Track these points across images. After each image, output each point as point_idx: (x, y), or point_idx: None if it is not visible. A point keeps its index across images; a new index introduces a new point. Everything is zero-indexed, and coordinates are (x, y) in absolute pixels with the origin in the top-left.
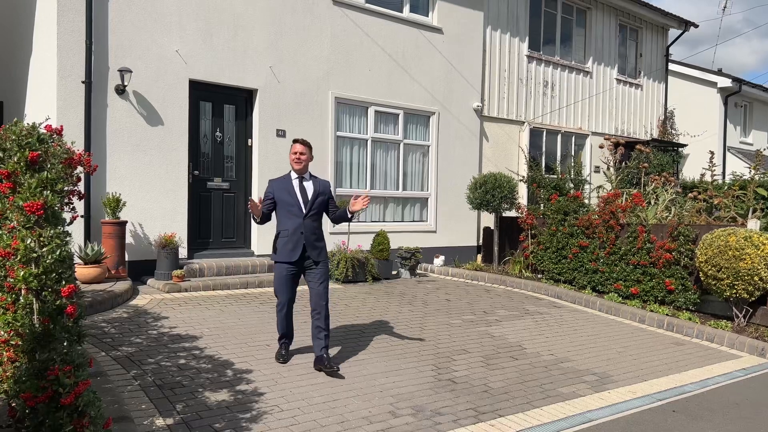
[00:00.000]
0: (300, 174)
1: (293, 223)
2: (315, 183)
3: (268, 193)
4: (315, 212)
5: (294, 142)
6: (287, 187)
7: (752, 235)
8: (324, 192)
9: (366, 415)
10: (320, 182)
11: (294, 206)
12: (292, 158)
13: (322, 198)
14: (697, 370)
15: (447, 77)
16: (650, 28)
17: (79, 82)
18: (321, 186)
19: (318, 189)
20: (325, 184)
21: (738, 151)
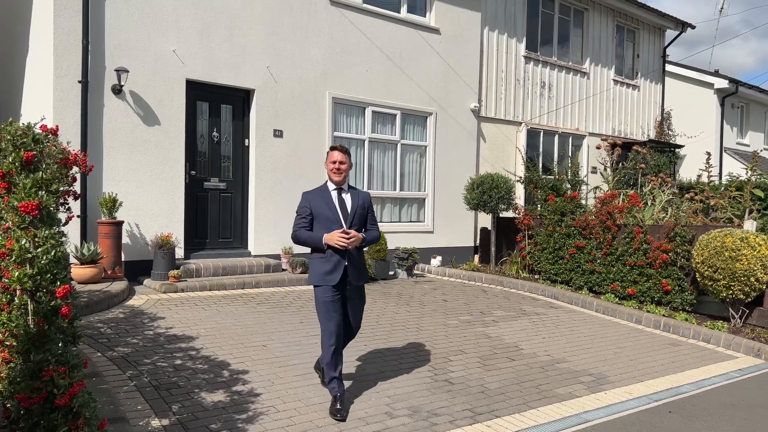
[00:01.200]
0: (338, 185)
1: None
2: (354, 195)
3: (303, 209)
4: (356, 228)
5: (332, 149)
6: (326, 200)
7: (749, 236)
8: (364, 205)
9: (362, 416)
10: (360, 194)
11: (335, 222)
12: (331, 168)
13: (362, 212)
14: (693, 370)
15: (444, 78)
16: (647, 29)
17: (76, 81)
18: (361, 198)
19: (358, 202)
20: (366, 196)
21: (734, 152)
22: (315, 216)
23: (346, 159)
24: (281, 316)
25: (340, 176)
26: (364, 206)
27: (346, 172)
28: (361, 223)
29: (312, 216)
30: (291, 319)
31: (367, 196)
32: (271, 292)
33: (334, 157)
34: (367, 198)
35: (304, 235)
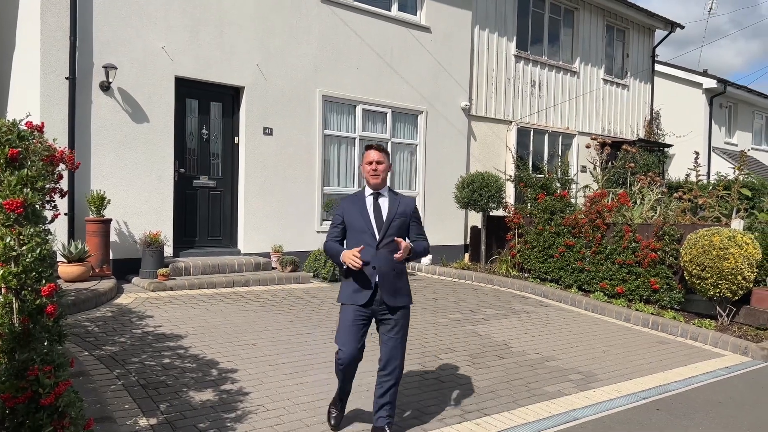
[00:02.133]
0: (375, 189)
1: (364, 255)
2: (393, 201)
3: (336, 217)
4: (392, 239)
5: (367, 148)
6: (359, 206)
7: (736, 235)
8: (405, 213)
9: (351, 415)
10: (401, 200)
11: (365, 232)
12: (368, 170)
13: (401, 220)
14: (681, 368)
15: (435, 76)
16: (637, 29)
17: (63, 78)
18: (402, 204)
19: (396, 208)
20: (409, 202)
21: (723, 151)
22: (347, 225)
23: (383, 158)
24: (270, 314)
25: (378, 179)
26: (405, 214)
27: (384, 174)
28: (400, 233)
29: (345, 225)
30: (280, 318)
31: (410, 203)
32: (261, 291)
33: (369, 157)
34: (410, 204)
35: (330, 249)
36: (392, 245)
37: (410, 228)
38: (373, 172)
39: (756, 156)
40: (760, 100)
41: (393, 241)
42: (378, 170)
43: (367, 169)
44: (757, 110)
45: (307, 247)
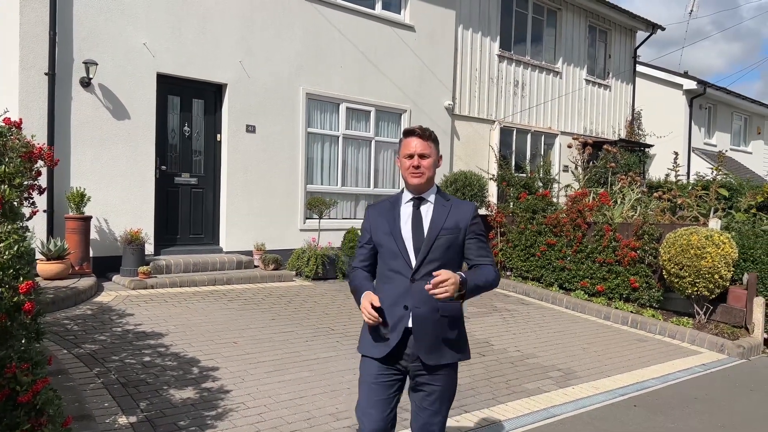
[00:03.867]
0: (417, 193)
1: (394, 289)
2: (441, 208)
3: (363, 232)
4: (436, 266)
5: (407, 134)
6: (390, 218)
7: (713, 235)
8: (457, 226)
9: (333, 411)
10: (454, 206)
11: (398, 256)
12: (406, 166)
13: (450, 237)
14: (658, 365)
15: (419, 75)
16: (619, 30)
17: (42, 74)
18: (454, 213)
19: (444, 220)
20: (465, 209)
21: (702, 152)
22: (377, 245)
23: (429, 149)
24: (252, 313)
25: (420, 178)
26: (458, 227)
27: (430, 172)
28: (448, 256)
29: (374, 244)
30: (262, 316)
31: (467, 210)
32: (243, 289)
33: (409, 147)
34: (467, 212)
35: (351, 284)
36: (442, 267)
37: (467, 247)
38: (414, 169)
39: (734, 156)
40: (738, 102)
41: (437, 268)
42: (422, 166)
43: (406, 164)
44: (735, 111)
45: (290, 246)
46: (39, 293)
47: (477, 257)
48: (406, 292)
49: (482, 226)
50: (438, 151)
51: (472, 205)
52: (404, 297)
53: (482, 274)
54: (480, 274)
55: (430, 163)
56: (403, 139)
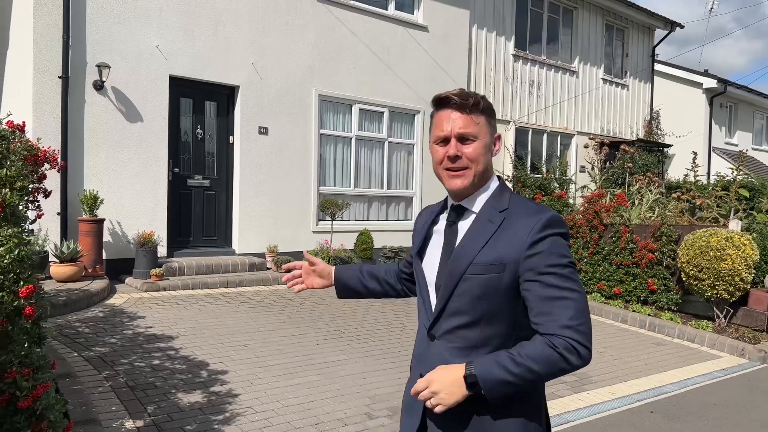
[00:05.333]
0: (457, 199)
1: (417, 345)
2: (482, 226)
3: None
4: (463, 322)
5: (438, 105)
6: (424, 233)
7: (733, 236)
8: (500, 260)
9: (341, 417)
10: (508, 222)
11: (420, 294)
12: (440, 160)
13: (487, 278)
14: (676, 370)
15: (432, 75)
16: (637, 28)
17: (56, 77)
18: (503, 232)
19: (479, 246)
20: (524, 227)
21: (723, 151)
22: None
23: (475, 126)
24: (263, 315)
25: (462, 178)
26: (501, 262)
27: (478, 165)
28: (488, 309)
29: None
30: (273, 319)
31: (524, 230)
32: (255, 291)
33: (441, 125)
34: (523, 235)
35: None
36: (462, 335)
37: (525, 296)
38: (450, 163)
39: (756, 156)
40: (760, 100)
41: (467, 325)
42: (464, 157)
43: (438, 155)
44: (757, 110)
45: (302, 248)
46: (42, 297)
47: (536, 316)
48: (424, 352)
49: (558, 254)
50: (492, 128)
51: (537, 217)
52: (421, 361)
53: (523, 355)
54: (519, 355)
55: (478, 149)
56: (434, 113)
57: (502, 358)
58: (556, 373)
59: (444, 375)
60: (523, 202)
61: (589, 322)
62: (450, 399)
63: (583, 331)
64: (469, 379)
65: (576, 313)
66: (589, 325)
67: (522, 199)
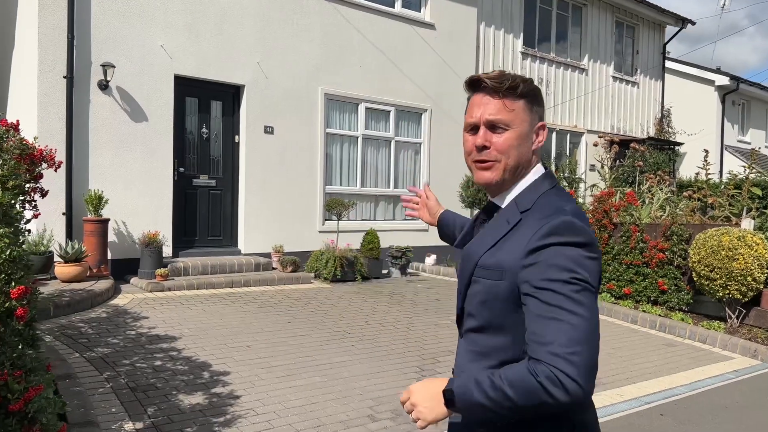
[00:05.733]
0: (492, 194)
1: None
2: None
3: None
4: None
5: (471, 87)
6: (470, 228)
7: (745, 235)
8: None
9: (344, 419)
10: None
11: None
12: (469, 150)
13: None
14: (687, 372)
15: (439, 74)
16: (647, 25)
17: (61, 77)
18: (514, 234)
19: (486, 247)
20: (530, 228)
21: (735, 149)
22: None
23: (508, 113)
24: (268, 315)
25: (490, 171)
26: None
27: (509, 158)
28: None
29: None
30: (278, 319)
31: (527, 232)
32: (260, 291)
33: (472, 111)
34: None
35: None
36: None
37: (524, 308)
38: (478, 153)
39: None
40: None
41: (477, 330)
42: (492, 148)
43: (468, 145)
44: None
45: (308, 247)
46: (36, 298)
47: (528, 336)
48: (459, 353)
49: (560, 267)
50: (534, 116)
51: (545, 221)
52: (457, 360)
53: (502, 378)
54: (499, 378)
55: (510, 139)
56: (468, 98)
57: (483, 377)
58: (538, 406)
59: (425, 387)
60: (550, 202)
61: (589, 353)
62: (428, 414)
63: (576, 362)
64: (446, 395)
65: (570, 340)
66: (589, 356)
67: (554, 197)
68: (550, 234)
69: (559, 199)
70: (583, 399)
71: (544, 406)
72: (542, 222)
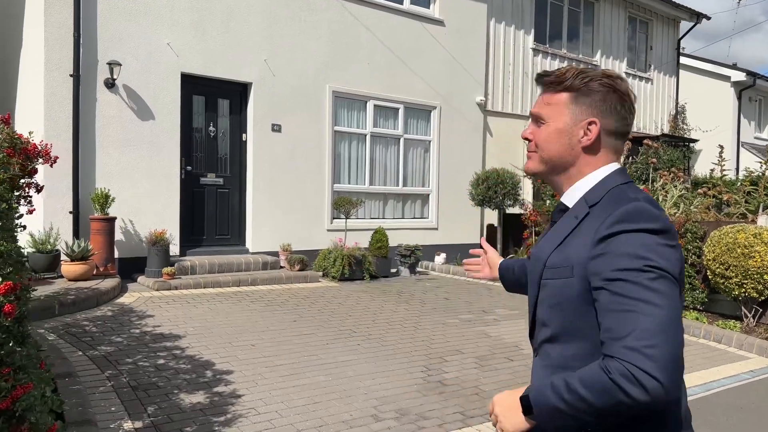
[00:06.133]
0: (555, 190)
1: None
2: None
3: None
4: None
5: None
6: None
7: (762, 232)
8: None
9: (347, 418)
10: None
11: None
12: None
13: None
14: (702, 372)
15: (449, 71)
16: (661, 20)
17: (67, 75)
18: (579, 231)
19: (554, 245)
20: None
21: (752, 146)
22: None
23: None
24: (274, 314)
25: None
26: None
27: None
28: (566, 322)
29: None
30: (284, 318)
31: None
32: (267, 290)
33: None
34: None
35: None
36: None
37: (596, 305)
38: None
39: None
40: None
41: (549, 340)
42: (533, 139)
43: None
44: None
45: (316, 246)
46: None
47: (602, 333)
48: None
49: (632, 255)
50: (580, 110)
51: (613, 209)
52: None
53: (576, 379)
54: (575, 380)
55: (545, 133)
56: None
57: (558, 380)
58: (615, 407)
59: (506, 397)
60: (620, 192)
61: (669, 345)
62: (507, 424)
63: (653, 356)
64: (523, 402)
65: (646, 332)
66: (669, 349)
67: (625, 189)
68: (620, 221)
69: (631, 191)
70: (665, 397)
71: (622, 407)
72: (611, 209)
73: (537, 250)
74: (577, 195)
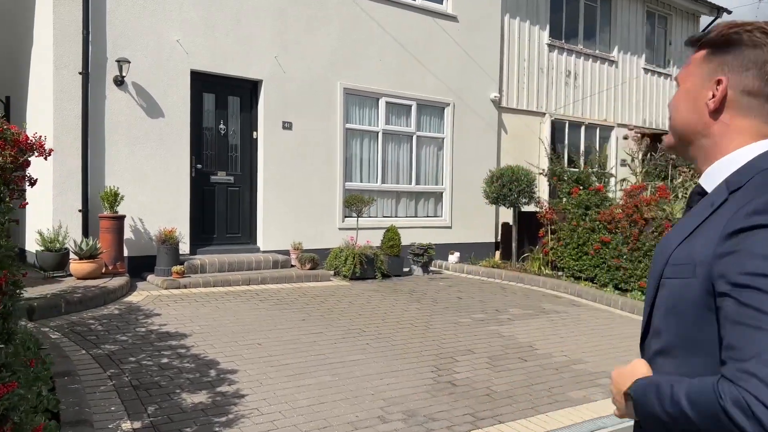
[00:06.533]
0: (697, 171)
1: None
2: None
3: None
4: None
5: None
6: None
7: None
8: (690, 259)
9: (352, 419)
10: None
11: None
12: None
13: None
14: None
15: (462, 67)
16: (680, 15)
17: (77, 73)
18: (709, 223)
19: (679, 240)
20: (735, 208)
21: None
22: None
23: (682, 69)
24: (283, 313)
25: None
26: (691, 261)
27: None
28: (681, 330)
29: None
30: (292, 317)
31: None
32: (277, 289)
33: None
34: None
35: None
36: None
37: (721, 313)
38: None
39: None
40: None
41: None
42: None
43: None
44: None
45: (328, 245)
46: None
47: (724, 348)
48: None
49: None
50: (711, 66)
51: (752, 196)
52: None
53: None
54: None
55: (675, 98)
56: None
57: (665, 387)
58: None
59: (620, 376)
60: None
61: None
62: (617, 407)
63: None
64: (627, 396)
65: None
66: None
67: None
68: (759, 212)
69: None
70: None
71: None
72: (753, 196)
73: (662, 243)
74: (719, 177)
